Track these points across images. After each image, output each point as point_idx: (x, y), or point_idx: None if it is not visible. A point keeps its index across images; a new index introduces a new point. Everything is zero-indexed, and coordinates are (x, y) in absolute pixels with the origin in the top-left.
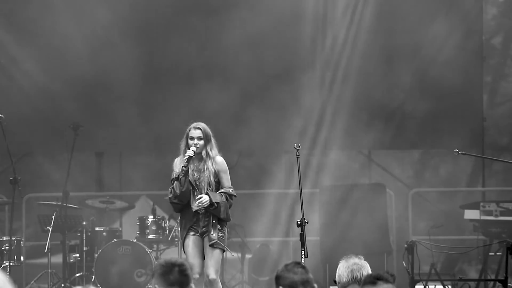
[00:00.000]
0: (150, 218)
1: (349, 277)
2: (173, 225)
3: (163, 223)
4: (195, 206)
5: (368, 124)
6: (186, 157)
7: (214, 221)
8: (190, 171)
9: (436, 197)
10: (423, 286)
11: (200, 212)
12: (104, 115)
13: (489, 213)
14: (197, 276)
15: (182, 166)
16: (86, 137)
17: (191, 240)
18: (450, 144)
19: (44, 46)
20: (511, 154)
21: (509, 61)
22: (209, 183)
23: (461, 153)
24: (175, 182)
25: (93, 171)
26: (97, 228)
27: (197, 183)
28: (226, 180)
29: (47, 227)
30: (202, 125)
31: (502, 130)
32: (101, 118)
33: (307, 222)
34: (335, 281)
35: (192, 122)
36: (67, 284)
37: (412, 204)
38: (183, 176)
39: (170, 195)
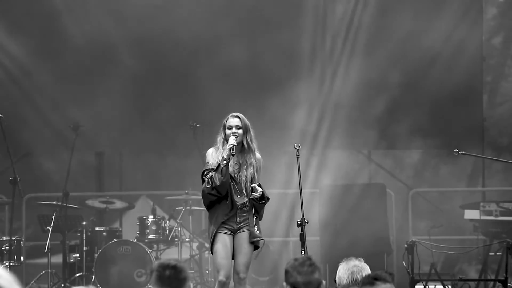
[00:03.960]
0: (150, 218)
1: (349, 279)
2: (173, 225)
3: (163, 223)
4: (238, 198)
5: (368, 124)
6: (230, 145)
7: (256, 217)
8: (230, 163)
9: (436, 197)
10: (423, 286)
11: (239, 207)
12: (104, 115)
13: (489, 213)
14: (224, 279)
15: (224, 156)
16: (86, 137)
17: (223, 239)
18: (450, 144)
19: (44, 46)
20: (511, 154)
21: (509, 61)
22: (252, 178)
23: (461, 153)
24: (213, 172)
25: (93, 171)
26: (97, 228)
27: (236, 176)
28: (259, 179)
29: (47, 227)
30: (240, 114)
31: (502, 130)
32: (101, 118)
33: (307, 222)
34: (334, 281)
35: (193, 124)
36: (67, 284)
37: (412, 204)
38: (224, 166)
39: (208, 186)
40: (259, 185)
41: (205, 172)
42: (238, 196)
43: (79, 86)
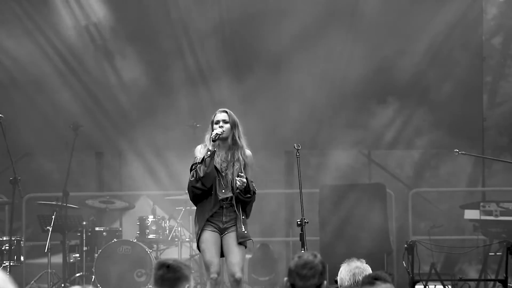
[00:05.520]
0: (150, 218)
1: (351, 280)
2: (173, 225)
3: (163, 223)
4: (221, 193)
5: (368, 124)
6: (213, 135)
7: (243, 217)
8: (217, 159)
9: (436, 197)
10: (423, 286)
11: (225, 206)
12: (104, 115)
13: (489, 213)
14: (216, 275)
15: (208, 147)
16: (86, 137)
17: (210, 236)
18: (450, 144)
19: (45, 46)
20: (511, 154)
21: (509, 61)
22: (238, 175)
23: (461, 153)
24: (198, 164)
25: (93, 171)
26: (97, 228)
27: (223, 174)
28: (250, 176)
29: (47, 227)
30: (227, 109)
31: (502, 130)
32: (101, 118)
33: (307, 222)
34: (335, 281)
35: (193, 124)
36: (67, 284)
37: (412, 204)
38: (208, 157)
39: (192, 179)
40: (246, 178)
41: (193, 167)
42: (223, 191)
43: (79, 85)
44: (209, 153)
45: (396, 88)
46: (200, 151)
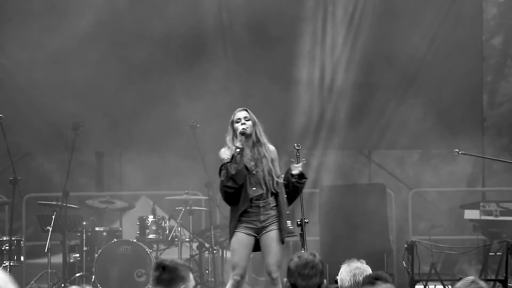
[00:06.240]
0: (150, 218)
1: (352, 281)
2: (173, 225)
3: (163, 223)
4: (252, 191)
5: (368, 124)
6: (241, 129)
7: (288, 212)
8: (244, 159)
9: (436, 197)
10: (423, 286)
11: (262, 205)
12: (104, 115)
13: (489, 213)
14: (239, 278)
15: (237, 144)
16: (86, 137)
17: (243, 239)
18: (450, 144)
19: (44, 46)
20: (511, 154)
21: (509, 61)
22: (269, 171)
23: (461, 153)
24: (227, 164)
25: (93, 171)
26: (97, 228)
27: (253, 172)
28: (279, 170)
29: (47, 227)
30: (247, 108)
31: (502, 130)
32: (101, 118)
33: (307, 222)
34: (335, 281)
35: (193, 124)
36: (67, 284)
37: (412, 204)
38: (238, 154)
39: (223, 178)
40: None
41: (222, 167)
42: (253, 189)
43: (79, 85)
44: (238, 150)
45: (396, 88)
46: (225, 153)
